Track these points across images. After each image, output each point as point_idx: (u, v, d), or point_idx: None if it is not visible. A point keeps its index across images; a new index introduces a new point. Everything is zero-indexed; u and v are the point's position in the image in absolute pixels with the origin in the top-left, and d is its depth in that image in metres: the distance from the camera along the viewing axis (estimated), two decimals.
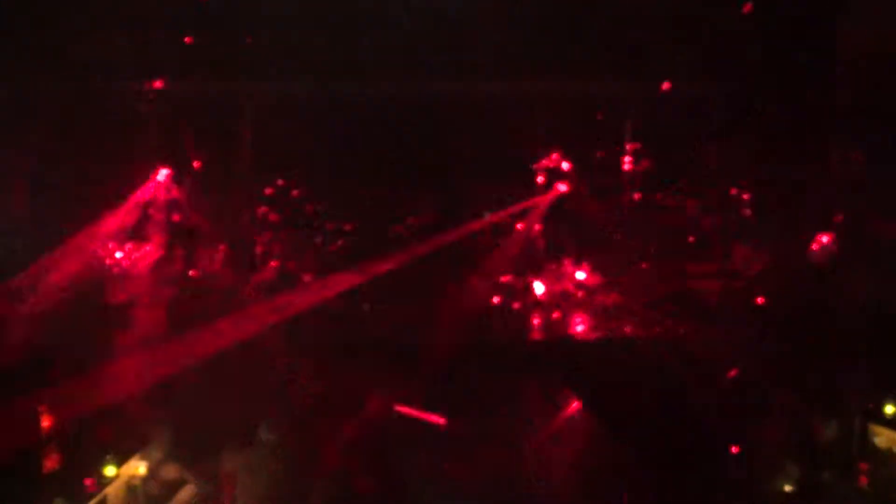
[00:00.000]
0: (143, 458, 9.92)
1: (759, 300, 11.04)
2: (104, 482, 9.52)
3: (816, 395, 10.08)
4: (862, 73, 10.89)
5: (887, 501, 9.46)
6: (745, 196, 11.80)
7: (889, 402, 9.80)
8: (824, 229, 10.90)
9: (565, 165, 11.87)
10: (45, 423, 9.36)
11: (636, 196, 12.05)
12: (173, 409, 10.03)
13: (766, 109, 11.37)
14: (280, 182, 11.66)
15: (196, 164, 11.45)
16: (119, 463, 9.69)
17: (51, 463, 9.37)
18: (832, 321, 10.67)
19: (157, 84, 11.06)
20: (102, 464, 9.52)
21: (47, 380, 9.47)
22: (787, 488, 9.53)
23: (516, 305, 11.71)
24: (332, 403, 10.13)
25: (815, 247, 11.03)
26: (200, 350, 10.13)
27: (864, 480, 9.66)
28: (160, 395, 10.00)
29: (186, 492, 9.91)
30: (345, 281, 11.29)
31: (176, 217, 11.36)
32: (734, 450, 9.66)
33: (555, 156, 11.91)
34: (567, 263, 11.96)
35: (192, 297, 11.16)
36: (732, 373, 10.24)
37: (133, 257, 11.11)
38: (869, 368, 10.04)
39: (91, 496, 9.32)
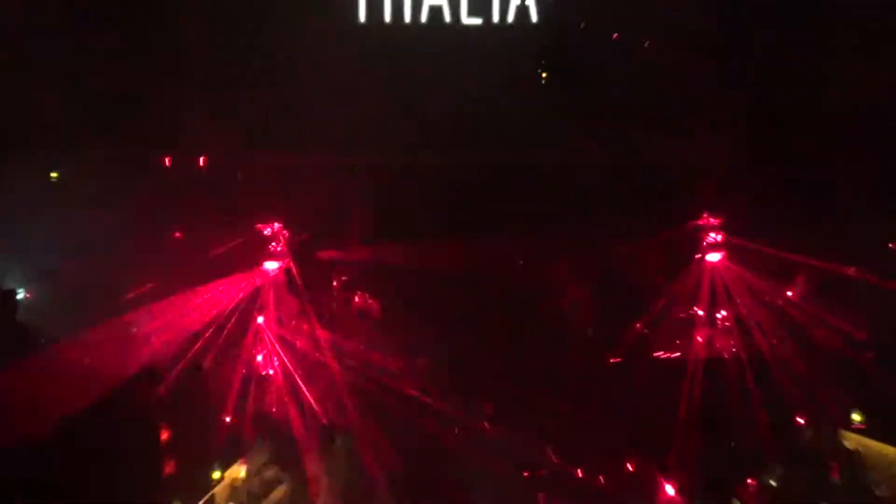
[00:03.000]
0: (244, 464, 11.88)
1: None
2: (212, 484, 11.50)
3: (798, 408, 12.05)
4: None
5: (853, 490, 11.30)
6: None
7: (855, 413, 11.79)
8: None
9: None
10: (164, 435, 11.34)
11: None
12: (270, 423, 12.18)
13: None
14: None
15: None
16: (224, 468, 11.66)
17: (169, 468, 11.17)
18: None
19: None
20: (210, 469, 11.56)
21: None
22: (773, 482, 11.47)
23: None
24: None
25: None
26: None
27: (835, 475, 11.57)
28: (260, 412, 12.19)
29: (279, 491, 11.79)
30: None
31: None
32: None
33: None
34: None
35: None
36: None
37: None
38: (840, 386, 11.99)
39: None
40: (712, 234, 12.93)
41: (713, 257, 13.02)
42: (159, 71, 12.49)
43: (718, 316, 13.13)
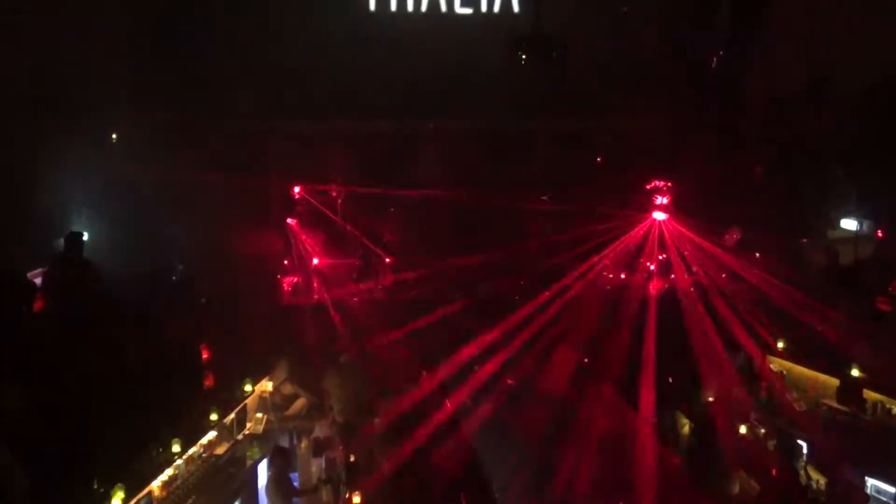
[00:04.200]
0: (270, 380, 13.80)
1: None
2: (244, 395, 13.16)
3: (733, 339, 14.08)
4: None
5: (776, 408, 13.28)
6: None
7: (780, 341, 13.86)
8: None
9: None
10: (205, 355, 13.10)
11: None
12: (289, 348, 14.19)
13: None
14: None
15: None
16: (254, 383, 13.39)
17: (209, 382, 12.83)
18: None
19: None
20: (243, 383, 13.19)
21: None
22: (710, 399, 13.42)
23: None
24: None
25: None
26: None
27: (762, 394, 13.60)
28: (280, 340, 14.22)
29: (299, 402, 13.68)
30: None
31: None
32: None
33: None
34: None
35: None
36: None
37: None
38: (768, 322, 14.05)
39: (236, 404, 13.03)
40: (660, 197, 15.05)
41: (659, 216, 15.18)
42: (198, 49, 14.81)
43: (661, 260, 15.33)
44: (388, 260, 16.11)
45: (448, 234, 15.46)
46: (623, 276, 15.42)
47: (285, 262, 15.97)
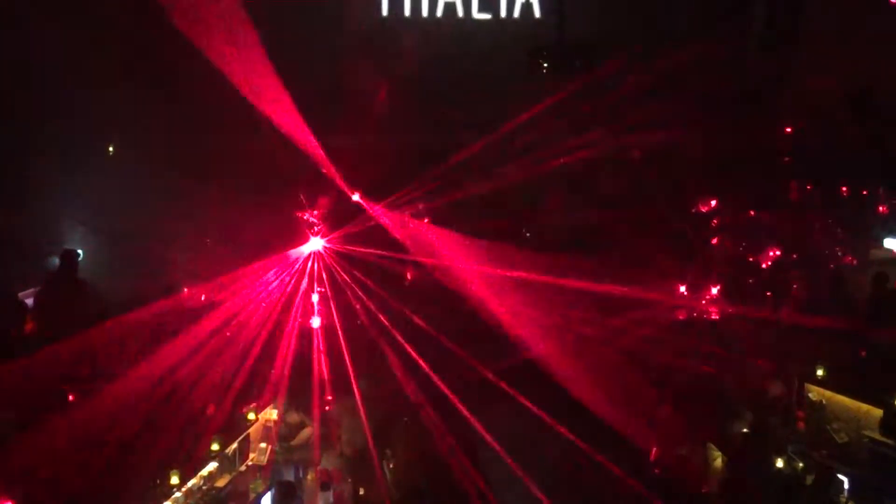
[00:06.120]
0: (275, 408, 13.12)
1: None
2: (247, 424, 12.57)
3: (768, 363, 13.29)
4: None
5: (815, 440, 12.47)
6: None
7: (819, 367, 13.04)
8: None
9: None
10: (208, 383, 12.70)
11: None
12: (296, 373, 13.49)
13: None
14: None
15: None
16: (258, 411, 12.78)
17: (210, 409, 12.10)
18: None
19: None
20: (247, 412, 12.60)
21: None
22: (744, 430, 12.66)
23: None
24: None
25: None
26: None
27: (800, 425, 12.80)
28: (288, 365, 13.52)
29: (306, 432, 13.05)
30: None
31: None
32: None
33: None
34: None
35: None
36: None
37: None
38: (806, 344, 13.27)
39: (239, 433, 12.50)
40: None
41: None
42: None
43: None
44: None
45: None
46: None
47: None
